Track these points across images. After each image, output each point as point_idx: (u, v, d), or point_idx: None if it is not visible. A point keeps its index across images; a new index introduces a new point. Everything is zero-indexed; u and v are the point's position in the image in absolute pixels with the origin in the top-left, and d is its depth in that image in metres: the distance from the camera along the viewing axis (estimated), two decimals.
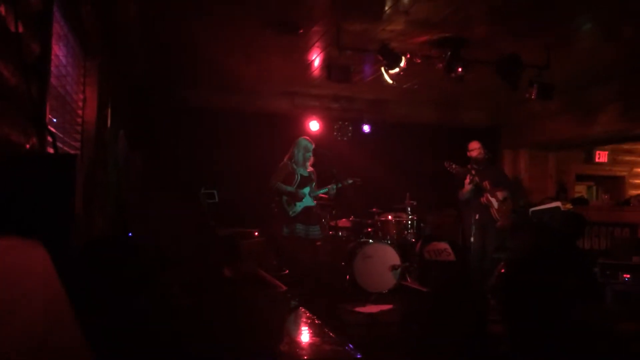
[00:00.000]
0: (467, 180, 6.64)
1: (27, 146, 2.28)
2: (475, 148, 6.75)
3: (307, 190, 6.10)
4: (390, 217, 7.37)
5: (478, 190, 6.61)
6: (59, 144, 2.92)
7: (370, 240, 6.99)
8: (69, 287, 1.47)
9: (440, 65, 5.37)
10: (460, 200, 6.91)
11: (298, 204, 6.03)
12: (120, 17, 4.59)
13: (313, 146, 6.16)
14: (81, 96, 4.00)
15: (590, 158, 9.32)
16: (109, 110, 4.60)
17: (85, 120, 4.08)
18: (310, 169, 6.22)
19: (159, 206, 6.51)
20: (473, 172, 6.63)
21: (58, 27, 3.02)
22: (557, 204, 7.12)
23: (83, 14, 3.55)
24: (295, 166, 6.09)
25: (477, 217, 6.66)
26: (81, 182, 3.84)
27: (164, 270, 2.47)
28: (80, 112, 3.97)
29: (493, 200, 6.56)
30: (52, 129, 2.74)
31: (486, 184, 6.60)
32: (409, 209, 7.34)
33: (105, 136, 4.48)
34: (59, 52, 3.10)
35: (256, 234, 7.14)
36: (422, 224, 7.42)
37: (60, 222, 1.84)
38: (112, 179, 4.88)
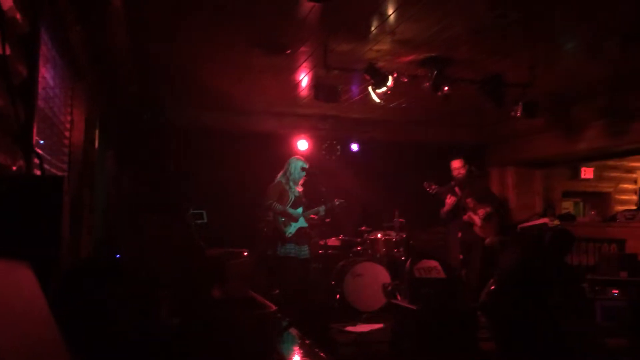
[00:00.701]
0: (448, 200, 6.67)
1: (14, 168, 2.27)
2: (457, 167, 6.81)
3: (300, 210, 6.12)
4: (379, 235, 7.37)
5: (460, 209, 6.64)
6: (46, 166, 2.91)
7: (360, 259, 6.98)
8: (57, 310, 1.46)
9: (427, 84, 5.42)
10: (444, 219, 6.95)
11: (293, 224, 6.04)
12: (108, 40, 4.61)
13: (307, 166, 6.18)
14: (69, 118, 3.99)
15: (576, 175, 9.42)
16: (97, 132, 4.60)
17: (73, 142, 4.07)
18: (300, 188, 6.23)
19: (147, 227, 6.47)
20: (457, 189, 6.67)
21: (45, 49, 3.03)
22: (545, 220, 7.17)
23: (71, 36, 3.56)
24: (290, 185, 6.10)
25: (459, 235, 6.71)
26: (68, 203, 3.82)
27: (152, 292, 2.45)
28: (67, 133, 3.97)
29: (475, 218, 6.60)
30: (39, 151, 2.72)
31: (468, 201, 6.63)
32: (398, 226, 7.35)
33: (93, 157, 4.47)
34: (46, 74, 3.10)
35: (245, 253, 7.09)
36: (411, 242, 7.42)
37: (47, 244, 1.82)
38: (100, 200, 4.85)
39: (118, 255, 4.09)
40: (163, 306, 2.32)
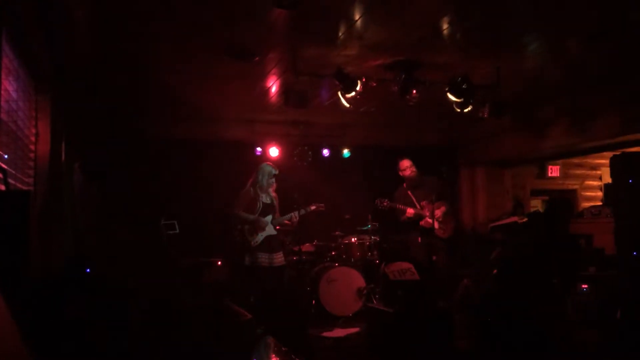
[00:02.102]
0: (409, 210, 6.69)
1: None
2: (406, 167, 6.85)
3: (269, 218, 6.05)
4: (353, 239, 7.40)
5: (418, 216, 6.70)
6: (11, 180, 2.84)
7: (335, 264, 6.99)
8: (23, 325, 1.42)
9: (395, 88, 5.47)
10: (405, 225, 6.98)
11: (260, 233, 5.95)
12: (73, 51, 4.54)
13: (276, 172, 6.16)
14: (33, 130, 3.91)
15: (543, 173, 9.60)
16: (63, 144, 4.51)
17: (38, 155, 3.99)
18: (273, 194, 6.19)
19: (118, 239, 6.37)
20: (409, 192, 6.71)
21: (7, 61, 2.97)
22: (515, 219, 7.31)
23: (34, 48, 3.49)
24: (258, 192, 6.05)
25: (419, 240, 6.76)
26: (35, 217, 3.73)
27: (124, 304, 2.41)
28: (32, 147, 3.89)
29: (432, 221, 6.67)
30: (3, 165, 2.67)
31: (423, 204, 6.66)
32: (371, 230, 7.38)
33: (59, 170, 4.38)
34: (9, 86, 3.03)
35: (219, 263, 7.04)
36: (384, 245, 7.46)
37: (14, 259, 1.78)
38: (68, 213, 4.76)
39: (88, 270, 4.02)
40: (135, 318, 2.29)
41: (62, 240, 4.41)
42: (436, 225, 6.64)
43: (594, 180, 10.02)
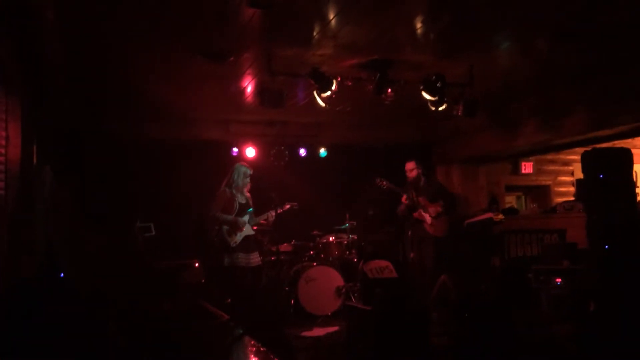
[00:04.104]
0: (404, 199, 6.82)
1: None
2: (412, 168, 6.97)
3: (246, 218, 6.04)
4: (331, 238, 7.41)
5: (413, 207, 6.79)
6: None
7: (313, 263, 6.99)
8: None
9: (371, 87, 5.49)
10: (399, 218, 7.09)
11: (239, 233, 5.95)
12: (43, 53, 4.46)
13: (251, 172, 6.14)
14: (3, 134, 3.83)
15: (517, 169, 9.74)
16: (35, 147, 4.43)
17: (9, 159, 3.91)
18: (247, 194, 6.18)
19: (92, 243, 6.28)
20: (412, 191, 6.82)
21: None
22: (490, 215, 7.39)
23: (3, 52, 3.42)
24: (234, 192, 6.03)
25: (409, 233, 6.85)
26: (6, 223, 3.66)
27: (98, 309, 2.38)
28: (3, 150, 3.80)
29: (426, 215, 6.74)
30: None
31: (420, 200, 6.79)
32: (349, 229, 7.40)
33: (31, 174, 4.30)
34: None
35: (197, 264, 6.99)
36: (363, 243, 7.49)
37: None
38: (40, 217, 4.68)
39: (62, 274, 3.95)
40: (110, 323, 2.26)
41: (33, 246, 4.33)
42: (429, 220, 6.72)
43: (566, 175, 10.21)
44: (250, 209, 6.10)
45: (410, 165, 7.01)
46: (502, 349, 4.71)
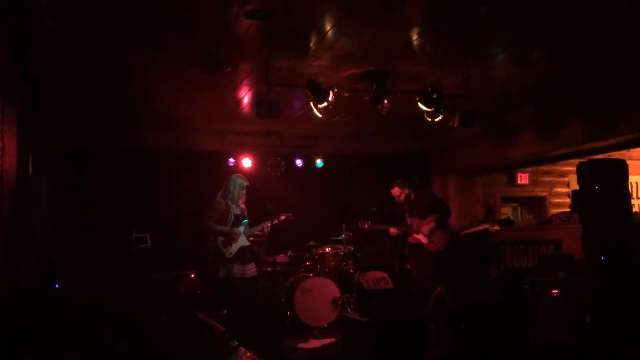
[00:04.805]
0: (392, 232, 6.82)
1: None
2: (398, 194, 7.00)
3: (242, 229, 6.02)
4: (327, 249, 7.40)
5: (406, 233, 6.79)
6: None
7: (310, 274, 6.97)
8: None
9: (367, 98, 5.51)
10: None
11: (234, 244, 5.93)
12: (41, 63, 4.46)
13: (247, 183, 6.13)
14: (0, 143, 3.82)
15: (513, 180, 9.77)
16: (30, 157, 4.42)
17: (5, 169, 3.89)
18: (242, 206, 6.17)
19: (87, 254, 6.25)
20: (405, 207, 6.82)
21: None
22: (486, 226, 7.40)
23: (0, 60, 3.42)
24: (229, 203, 6.02)
25: (406, 251, 6.87)
26: (3, 233, 3.65)
27: (95, 318, 2.36)
28: None
29: (420, 237, 6.73)
30: None
31: (413, 222, 6.76)
32: (345, 240, 7.39)
33: (27, 184, 4.29)
34: None
35: (192, 275, 6.96)
36: (359, 255, 7.48)
37: None
38: (37, 227, 4.65)
39: (57, 285, 3.93)
40: (108, 332, 2.24)
41: (30, 256, 4.31)
42: (425, 240, 6.71)
43: (562, 187, 10.24)
44: (246, 220, 6.08)
45: (396, 192, 7.03)
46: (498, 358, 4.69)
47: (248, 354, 3.17)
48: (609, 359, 4.51)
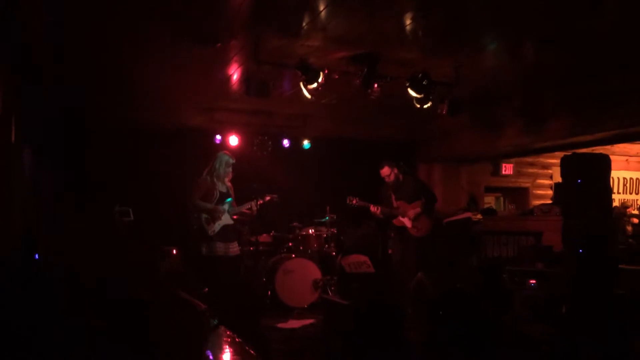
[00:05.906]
0: (372, 209, 6.76)
1: None
2: (388, 174, 6.94)
3: (226, 207, 6.00)
4: (311, 231, 7.42)
5: (391, 214, 6.78)
6: None
7: (292, 255, 7.00)
8: None
9: (358, 81, 5.49)
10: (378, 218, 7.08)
11: (217, 222, 5.90)
12: (24, 32, 4.36)
13: (233, 161, 6.10)
14: None
15: (497, 171, 9.85)
16: (13, 126, 4.35)
17: None
18: (228, 184, 6.14)
19: (71, 226, 6.20)
20: (389, 196, 6.80)
21: None
22: (468, 214, 7.46)
23: None
24: (215, 181, 5.99)
25: (392, 235, 6.88)
26: None
27: (75, 293, 2.35)
28: None
29: (405, 220, 6.75)
30: None
31: (399, 204, 6.76)
32: (329, 222, 7.41)
33: (8, 152, 4.22)
34: None
35: (174, 251, 6.95)
36: (342, 237, 7.51)
37: None
38: (17, 198, 4.60)
39: (37, 256, 3.90)
40: (87, 308, 2.23)
41: (9, 226, 4.26)
42: (409, 224, 6.72)
43: (545, 179, 10.36)
44: (230, 199, 6.06)
45: (385, 172, 6.95)
46: (475, 347, 4.77)
47: (227, 333, 3.18)
48: (583, 350, 4.61)
